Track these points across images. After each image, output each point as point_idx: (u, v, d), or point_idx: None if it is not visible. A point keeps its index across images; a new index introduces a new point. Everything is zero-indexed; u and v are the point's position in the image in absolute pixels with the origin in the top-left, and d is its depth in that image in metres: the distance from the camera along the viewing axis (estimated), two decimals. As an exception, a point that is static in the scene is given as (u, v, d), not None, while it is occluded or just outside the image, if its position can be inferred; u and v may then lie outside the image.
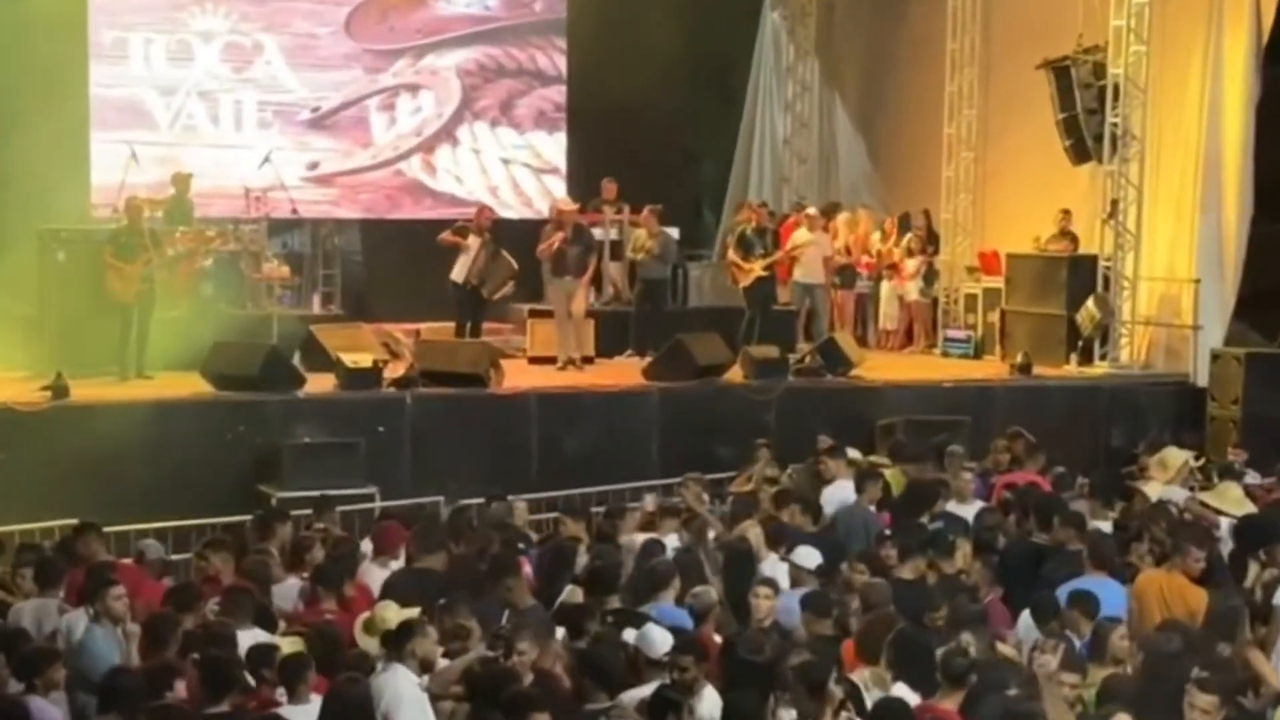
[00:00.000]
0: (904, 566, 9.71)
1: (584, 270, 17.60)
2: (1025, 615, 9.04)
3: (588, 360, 17.53)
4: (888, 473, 12.84)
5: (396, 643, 7.85)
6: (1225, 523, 11.23)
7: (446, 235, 17.55)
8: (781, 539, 10.49)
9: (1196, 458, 13.75)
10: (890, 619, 8.25)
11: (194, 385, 15.03)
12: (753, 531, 10.57)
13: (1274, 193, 17.23)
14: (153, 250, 15.67)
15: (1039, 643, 8.12)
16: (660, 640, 7.77)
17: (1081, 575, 9.50)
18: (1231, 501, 11.73)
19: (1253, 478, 13.42)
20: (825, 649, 7.98)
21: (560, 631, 8.36)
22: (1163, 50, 17.56)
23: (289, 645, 8.16)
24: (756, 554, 10.22)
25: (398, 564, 10.35)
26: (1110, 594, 9.14)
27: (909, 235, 20.09)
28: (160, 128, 19.98)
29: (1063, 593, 9.07)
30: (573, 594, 9.38)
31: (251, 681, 7.81)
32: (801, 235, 19.45)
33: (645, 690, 7.49)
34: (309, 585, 9.73)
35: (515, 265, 17.53)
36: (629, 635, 8.09)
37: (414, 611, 8.35)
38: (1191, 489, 12.60)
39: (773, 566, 10.03)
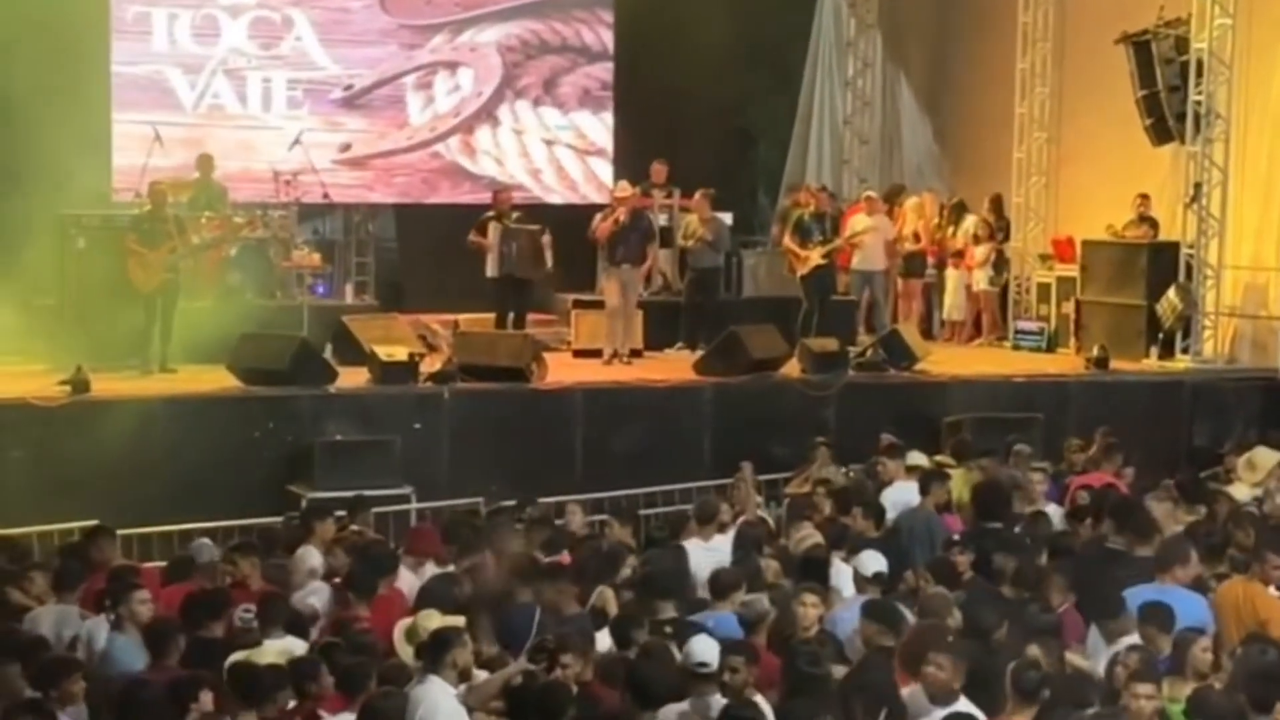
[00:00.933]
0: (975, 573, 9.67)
1: (643, 259, 17.61)
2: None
3: (636, 354, 17.52)
4: (955, 474, 12.79)
5: (432, 653, 7.87)
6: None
7: (472, 238, 17.59)
8: (842, 543, 10.48)
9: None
10: (940, 629, 8.21)
11: (220, 379, 15.11)
12: (817, 535, 10.56)
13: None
14: (177, 237, 15.76)
15: (1118, 656, 8.07)
16: (700, 650, 7.73)
17: (1155, 582, 9.43)
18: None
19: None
20: (885, 663, 7.94)
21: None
22: (1249, 23, 17.42)
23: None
24: (824, 560, 10.19)
25: (434, 568, 10.39)
26: (1186, 604, 9.07)
27: (971, 220, 19.99)
28: (185, 108, 20.05)
29: (1136, 602, 9.01)
30: (605, 600, 9.39)
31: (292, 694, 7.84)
32: (861, 221, 19.40)
33: (684, 705, 7.48)
34: (340, 590, 9.78)
35: (536, 227, 17.51)
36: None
37: (457, 620, 8.38)
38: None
39: (834, 573, 10.01)
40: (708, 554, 10.66)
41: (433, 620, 8.48)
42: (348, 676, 7.89)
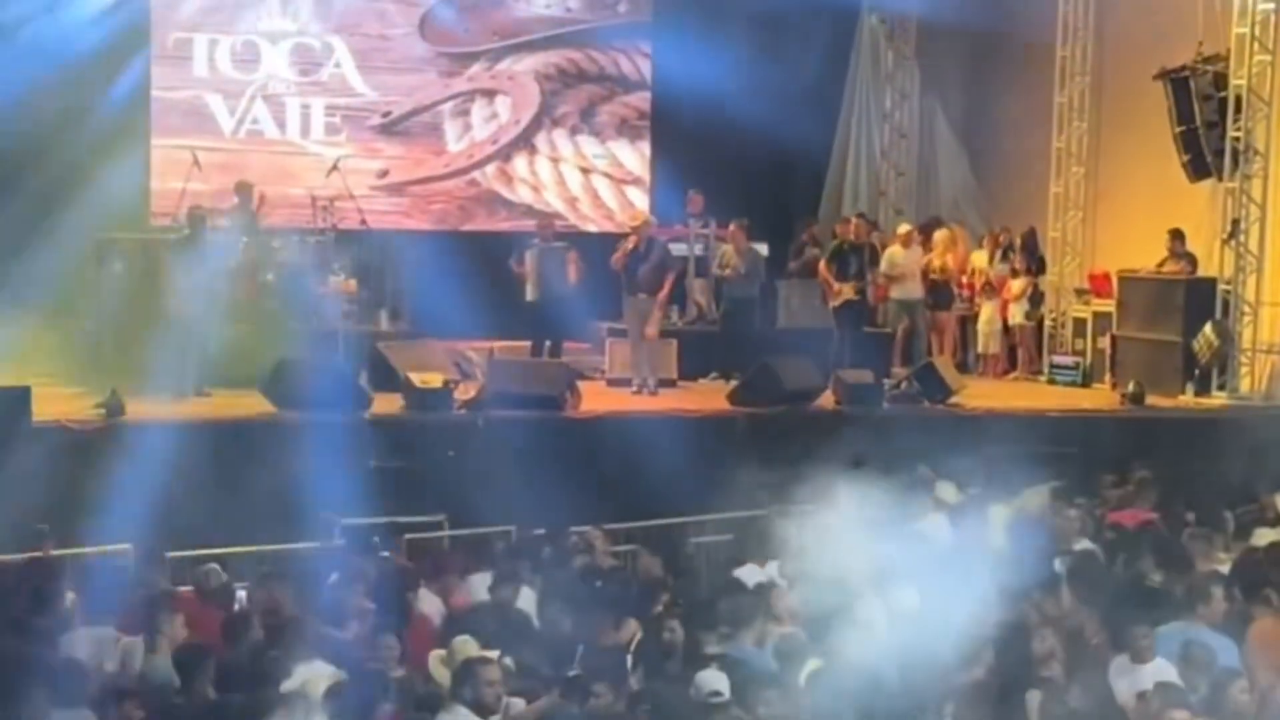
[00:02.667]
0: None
1: (658, 287, 17.57)
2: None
3: (665, 384, 17.51)
4: (993, 509, 12.75)
5: (458, 682, 7.88)
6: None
7: (512, 266, 17.65)
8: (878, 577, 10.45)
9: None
10: None
11: (255, 404, 15.16)
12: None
13: None
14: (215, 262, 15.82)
15: (1147, 692, 8.03)
16: (710, 680, 7.71)
17: (1190, 621, 9.37)
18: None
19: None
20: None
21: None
22: (1289, 60, 17.39)
23: None
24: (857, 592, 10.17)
25: (464, 596, 10.40)
26: (1222, 643, 9.02)
27: (1011, 254, 19.96)
28: (224, 133, 20.19)
29: (1172, 641, 8.96)
30: (632, 630, 9.38)
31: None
32: (898, 255, 19.39)
33: None
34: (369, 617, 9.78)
35: (565, 243, 17.54)
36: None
37: (491, 648, 8.39)
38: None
39: (871, 608, 9.98)
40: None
41: (469, 648, 8.48)
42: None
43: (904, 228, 20.24)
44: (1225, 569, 10.96)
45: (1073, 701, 7.80)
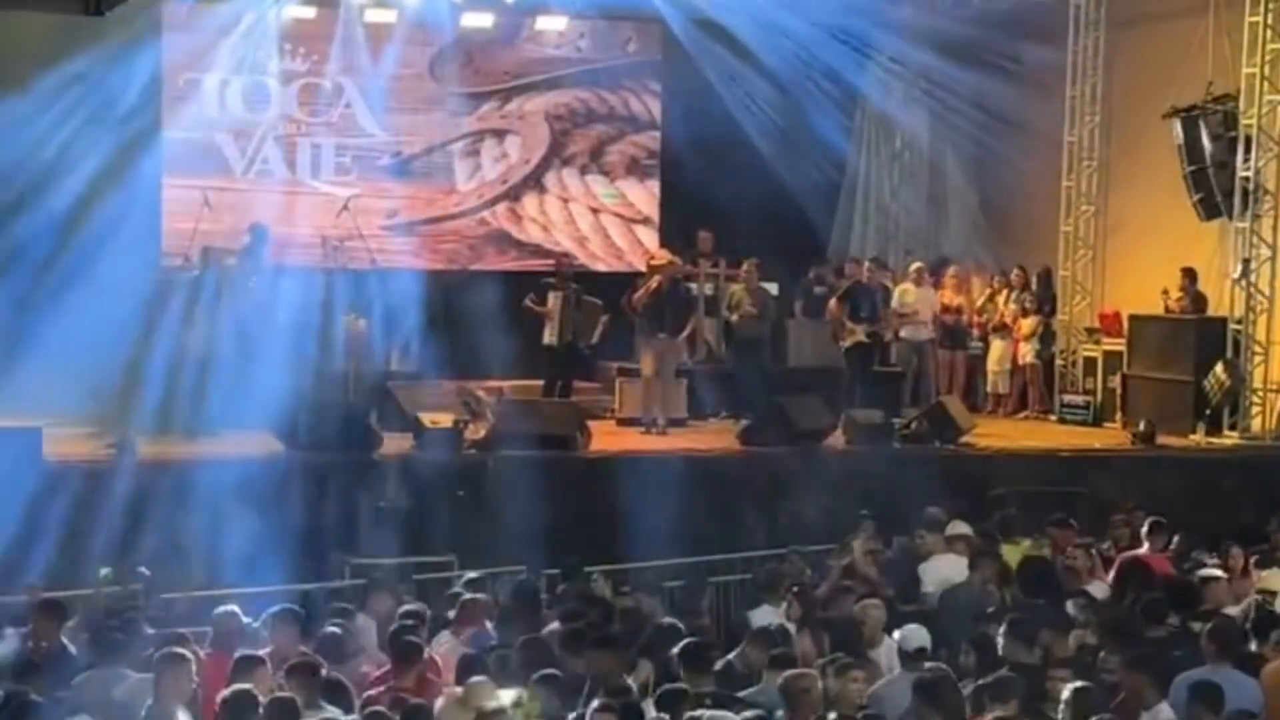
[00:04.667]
0: (1020, 650, 9.62)
1: (680, 329, 17.66)
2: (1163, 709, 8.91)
3: (675, 423, 17.56)
4: (1005, 549, 12.76)
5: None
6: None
7: (529, 305, 17.69)
8: (888, 618, 10.47)
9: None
10: None
11: (266, 444, 15.20)
12: (872, 614, 10.54)
13: None
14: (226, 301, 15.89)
15: None
16: None
17: (1205, 664, 9.36)
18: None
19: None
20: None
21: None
22: (1299, 99, 17.46)
23: None
24: (870, 635, 10.18)
25: (476, 637, 10.41)
26: (1237, 686, 9.00)
27: (1024, 294, 19.99)
28: (234, 173, 20.27)
29: (1184, 684, 8.96)
30: (645, 672, 9.39)
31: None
32: (909, 293, 19.45)
33: None
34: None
35: (600, 302, 17.68)
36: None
37: (507, 694, 8.39)
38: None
39: (883, 648, 9.99)
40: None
41: (486, 690, 8.47)
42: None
43: (915, 265, 20.29)
44: (1236, 610, 10.98)
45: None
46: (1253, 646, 9.93)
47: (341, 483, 14.66)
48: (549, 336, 17.52)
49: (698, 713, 8.17)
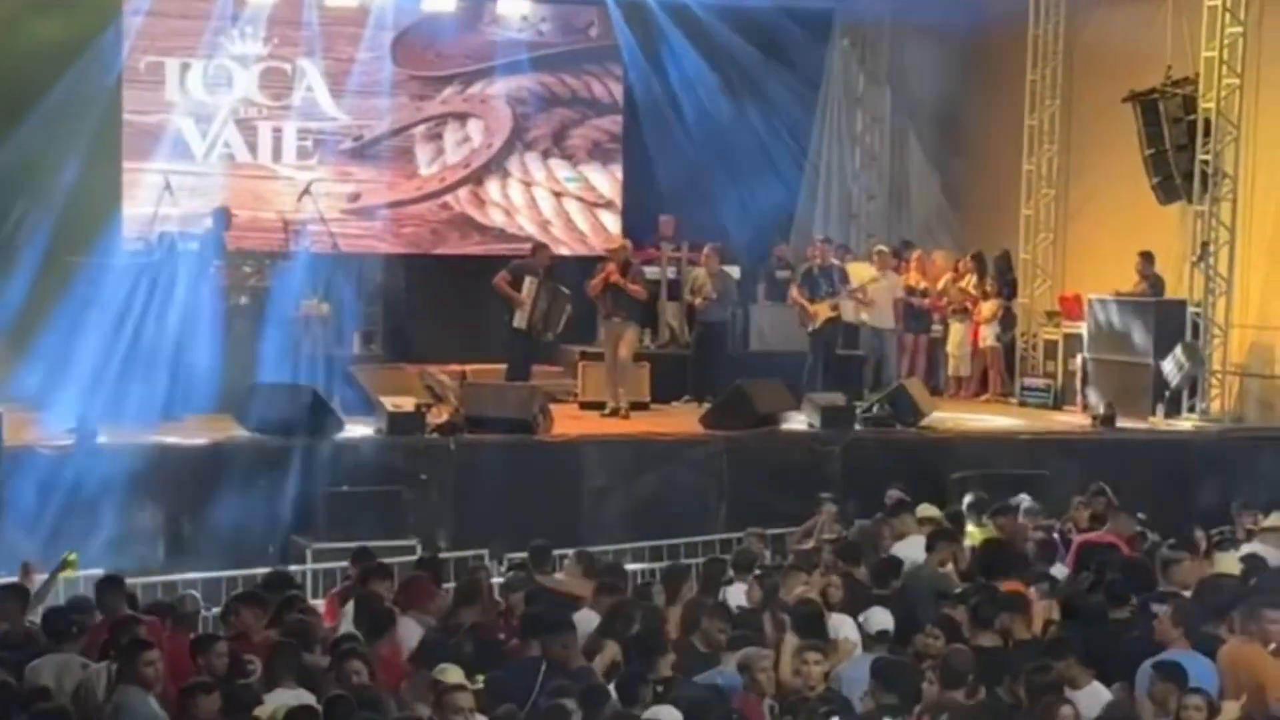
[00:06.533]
0: (980, 633, 9.64)
1: (637, 313, 17.67)
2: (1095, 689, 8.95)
3: (638, 407, 17.55)
4: (975, 531, 12.78)
5: (434, 710, 7.88)
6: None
7: (502, 281, 17.62)
8: (852, 600, 10.47)
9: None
10: None
11: (227, 428, 15.14)
12: (824, 591, 10.56)
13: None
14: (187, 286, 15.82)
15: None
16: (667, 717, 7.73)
17: (1165, 646, 9.39)
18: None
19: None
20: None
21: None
22: (1257, 83, 17.53)
23: None
24: (827, 616, 10.18)
25: (433, 620, 10.38)
26: (1197, 667, 9.03)
27: (985, 276, 20.02)
28: (195, 157, 20.14)
29: (1145, 665, 8.99)
30: (612, 655, 9.37)
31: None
32: (865, 271, 19.47)
33: None
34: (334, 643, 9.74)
35: (569, 293, 17.68)
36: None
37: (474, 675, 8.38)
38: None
39: (846, 629, 10.00)
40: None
41: (452, 675, 8.44)
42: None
43: (878, 248, 20.31)
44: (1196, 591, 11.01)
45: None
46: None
47: (303, 467, 14.61)
48: (519, 320, 17.46)
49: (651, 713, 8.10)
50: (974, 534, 12.88)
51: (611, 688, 8.49)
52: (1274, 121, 17.61)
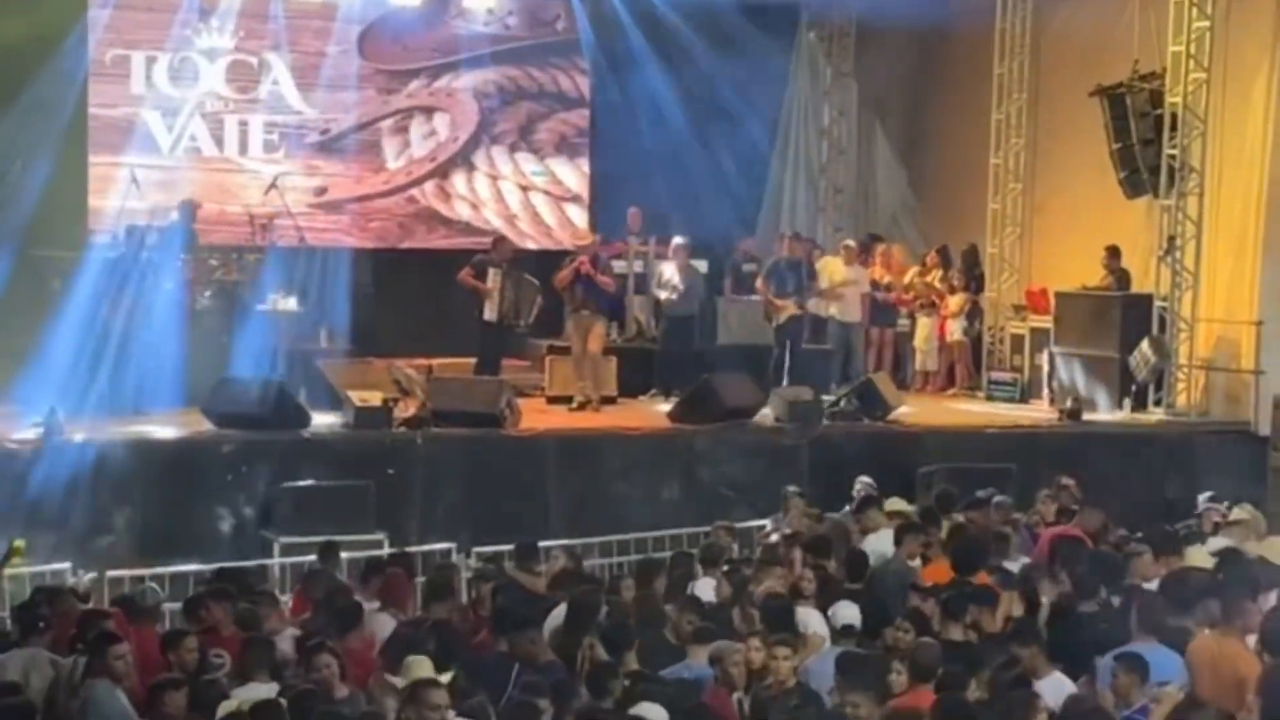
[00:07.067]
0: (951, 626, 9.68)
1: (605, 306, 17.68)
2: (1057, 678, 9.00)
3: (605, 401, 17.57)
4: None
5: (404, 705, 7.87)
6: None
7: (466, 276, 17.61)
8: (823, 593, 10.50)
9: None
10: None
11: (194, 423, 15.10)
12: (792, 585, 10.58)
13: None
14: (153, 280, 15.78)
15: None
16: (651, 714, 7.76)
17: (1130, 640, 9.43)
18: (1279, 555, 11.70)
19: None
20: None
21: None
22: (1224, 78, 17.59)
23: None
24: (796, 610, 10.21)
25: (404, 614, 10.39)
26: (1161, 660, 9.07)
27: (951, 270, 20.08)
28: (161, 150, 20.05)
29: (1107, 657, 9.03)
30: (593, 650, 9.38)
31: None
32: (838, 270, 19.51)
33: None
34: (304, 638, 9.74)
35: (537, 283, 17.69)
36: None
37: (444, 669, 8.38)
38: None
39: (815, 624, 10.03)
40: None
41: (423, 668, 8.44)
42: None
43: (845, 243, 20.35)
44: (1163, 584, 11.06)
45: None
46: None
47: (270, 461, 14.59)
48: (489, 312, 17.45)
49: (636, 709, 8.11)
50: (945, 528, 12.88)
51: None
52: (1240, 116, 17.69)
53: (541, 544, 12.50)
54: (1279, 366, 17.28)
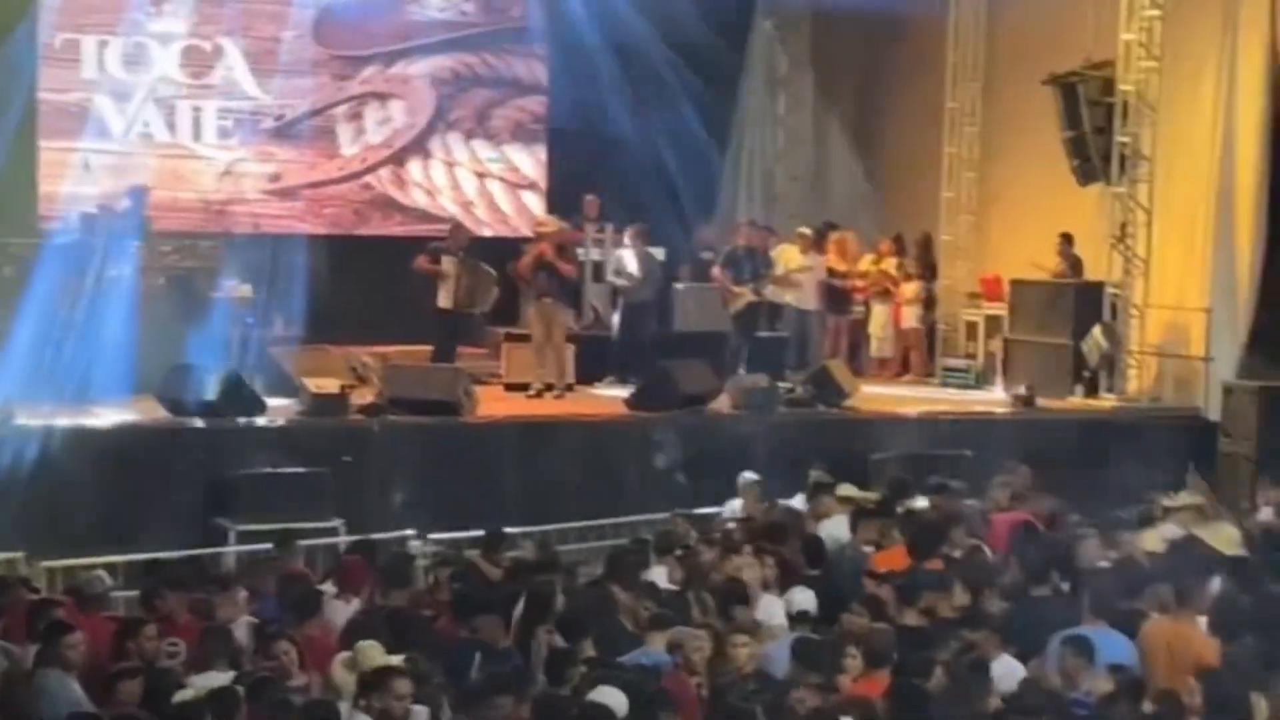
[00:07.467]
0: (906, 612, 9.75)
1: (567, 294, 17.68)
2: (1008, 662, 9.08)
3: (569, 388, 17.58)
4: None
5: (364, 692, 7.88)
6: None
7: (422, 262, 17.56)
8: (778, 580, 10.55)
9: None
10: None
11: (149, 410, 15.04)
12: (749, 572, 10.62)
13: (1290, 217, 17.37)
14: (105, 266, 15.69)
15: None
16: (607, 699, 7.80)
17: (1080, 623, 9.51)
18: (1226, 542, 11.81)
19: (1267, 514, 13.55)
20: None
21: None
22: (1174, 67, 17.70)
23: None
24: (753, 596, 10.26)
25: (361, 602, 10.39)
26: (1110, 642, 9.15)
27: (906, 258, 20.15)
28: (113, 136, 19.95)
29: (1054, 639, 9.12)
30: (549, 638, 9.41)
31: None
32: (794, 258, 19.55)
33: None
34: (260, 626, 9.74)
35: (494, 272, 17.66)
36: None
37: (393, 659, 8.37)
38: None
39: (769, 609, 10.07)
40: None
41: (375, 653, 8.45)
42: (275, 712, 7.88)
43: (801, 231, 20.39)
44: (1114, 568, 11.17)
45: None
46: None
47: (225, 448, 14.55)
48: (444, 299, 17.41)
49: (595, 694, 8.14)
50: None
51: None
52: (1191, 104, 17.80)
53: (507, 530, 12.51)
54: (1228, 353, 17.42)
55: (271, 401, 15.53)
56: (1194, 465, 15.57)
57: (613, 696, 7.77)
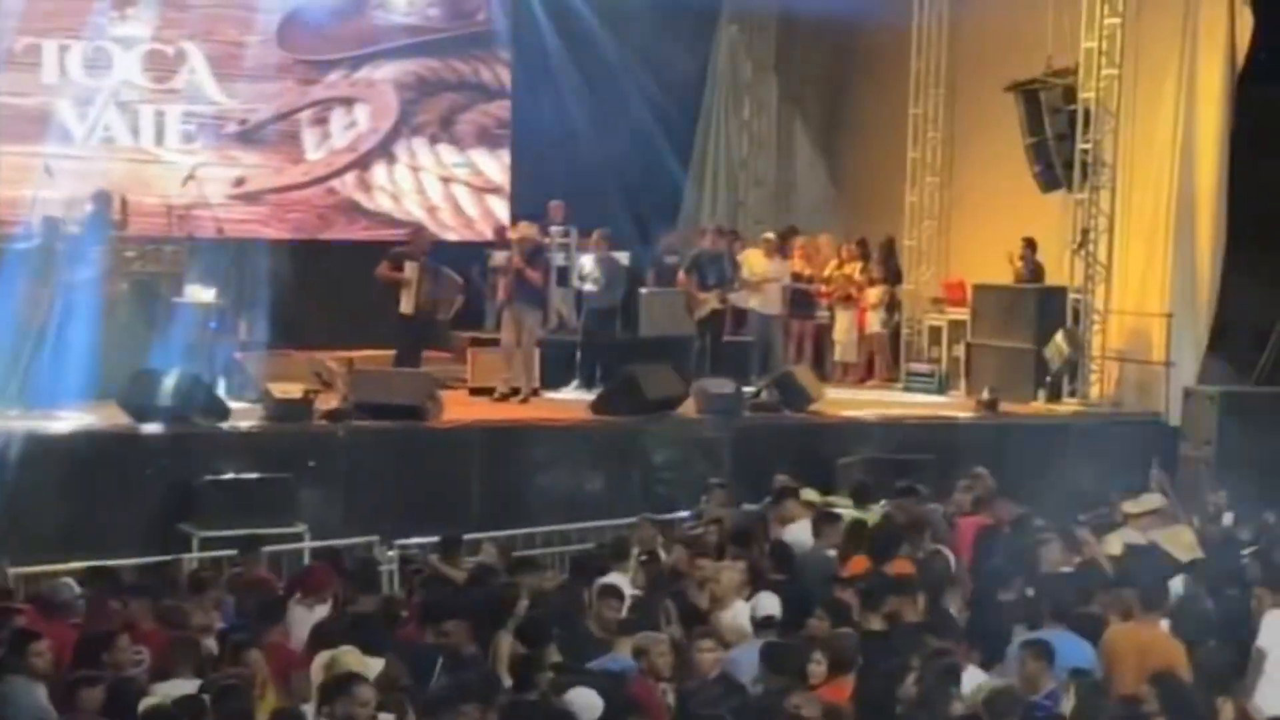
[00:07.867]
0: (870, 616, 9.78)
1: (538, 297, 17.71)
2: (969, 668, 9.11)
3: (535, 393, 17.58)
4: (869, 515, 12.92)
5: (327, 699, 7.87)
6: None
7: (384, 270, 17.52)
8: (751, 585, 10.57)
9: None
10: None
11: (111, 415, 14.98)
12: (725, 575, 10.65)
13: (1249, 223, 17.49)
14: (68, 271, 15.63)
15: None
16: (585, 705, 7.81)
17: (1040, 627, 9.56)
18: (1183, 546, 11.89)
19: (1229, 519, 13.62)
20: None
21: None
22: (1136, 74, 17.82)
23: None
24: (721, 601, 10.28)
25: (325, 608, 10.37)
26: (1069, 646, 9.20)
27: (869, 263, 20.21)
28: (75, 140, 19.88)
29: (1014, 644, 9.17)
30: (510, 644, 9.41)
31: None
32: (759, 262, 19.59)
33: None
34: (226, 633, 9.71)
35: (459, 279, 17.64)
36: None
37: (376, 663, 8.37)
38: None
39: (736, 614, 10.09)
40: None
41: (352, 657, 8.43)
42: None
43: (766, 235, 20.43)
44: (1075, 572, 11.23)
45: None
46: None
47: (189, 454, 14.50)
48: (406, 305, 17.38)
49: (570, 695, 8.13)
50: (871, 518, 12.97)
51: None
52: (1152, 111, 17.92)
53: (468, 536, 12.50)
54: (1189, 358, 17.55)
55: (235, 407, 15.49)
56: (1158, 462, 15.58)
57: (584, 697, 7.78)
